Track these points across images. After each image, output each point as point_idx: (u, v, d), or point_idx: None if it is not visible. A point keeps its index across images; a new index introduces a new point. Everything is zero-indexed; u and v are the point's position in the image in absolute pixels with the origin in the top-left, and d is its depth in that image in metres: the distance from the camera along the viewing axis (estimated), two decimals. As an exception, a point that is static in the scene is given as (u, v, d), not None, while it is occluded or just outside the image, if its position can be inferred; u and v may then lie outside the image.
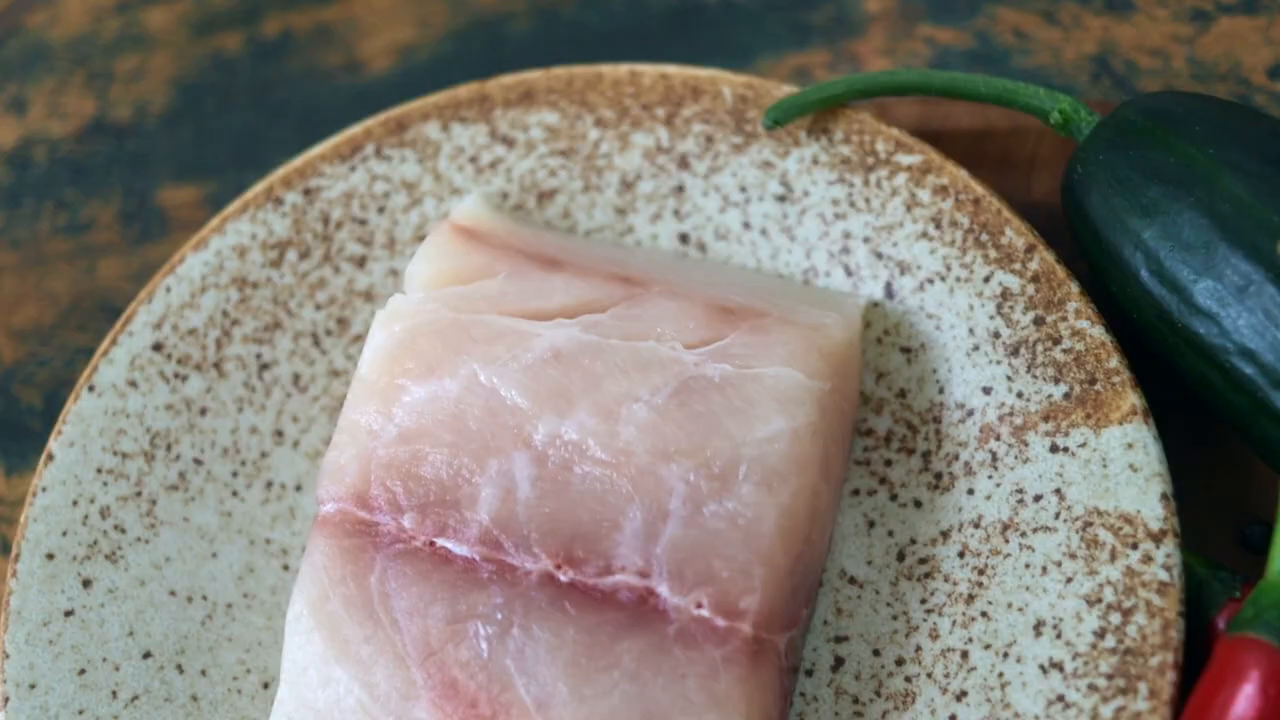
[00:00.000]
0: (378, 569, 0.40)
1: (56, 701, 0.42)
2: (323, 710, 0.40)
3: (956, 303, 0.43)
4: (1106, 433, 0.41)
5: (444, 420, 0.40)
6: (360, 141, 0.47)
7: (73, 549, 0.44)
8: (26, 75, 0.62)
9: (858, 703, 0.41)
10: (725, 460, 0.39)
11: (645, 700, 0.37)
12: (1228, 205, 0.40)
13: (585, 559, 0.39)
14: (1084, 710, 0.38)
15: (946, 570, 0.42)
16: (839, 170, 0.45)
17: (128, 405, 0.45)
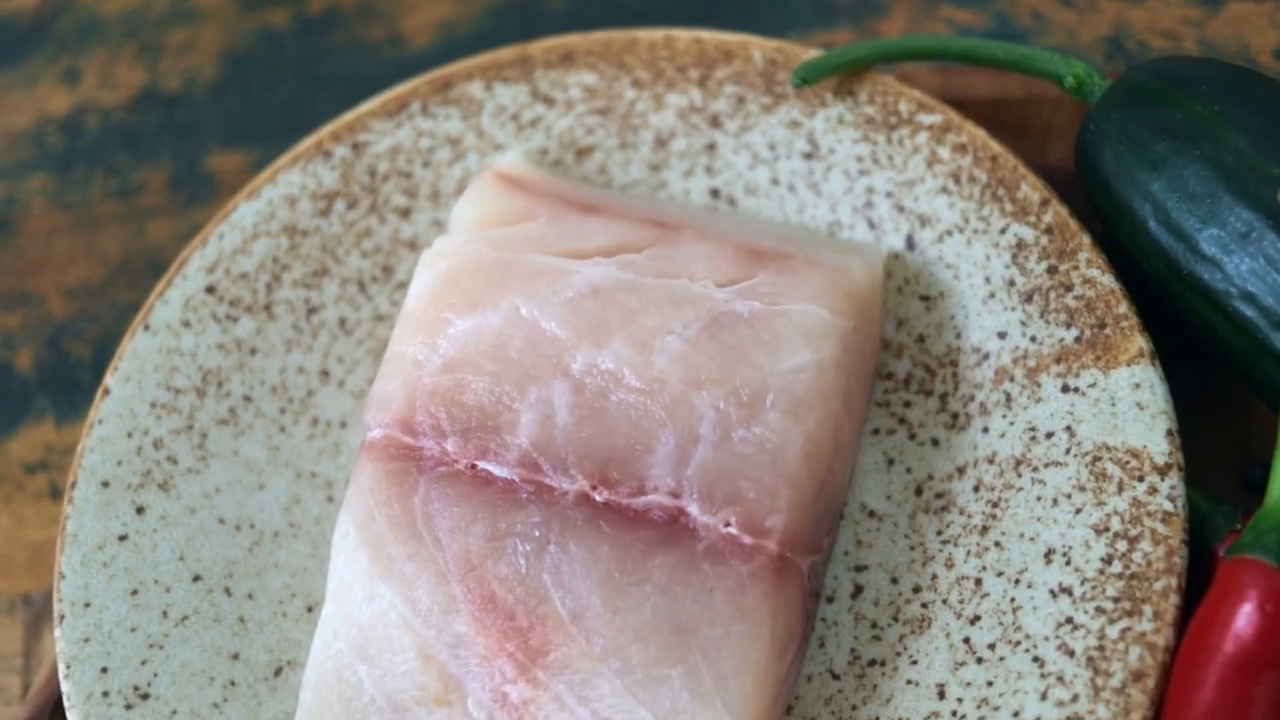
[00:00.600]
0: (421, 490, 0.42)
1: (110, 620, 0.44)
2: (366, 625, 0.42)
3: (974, 253, 0.46)
4: (1115, 373, 0.43)
5: (486, 350, 0.43)
6: (407, 99, 0.50)
7: (127, 478, 0.46)
8: (79, 48, 0.64)
9: (876, 627, 0.43)
10: (753, 389, 0.41)
11: (675, 612, 0.40)
12: (1231, 158, 0.42)
13: (620, 480, 0.41)
14: (1091, 631, 0.40)
15: (962, 504, 0.44)
16: (863, 129, 0.47)
17: (181, 344, 0.48)
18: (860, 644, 0.43)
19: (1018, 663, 0.41)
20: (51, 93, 0.64)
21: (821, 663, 0.43)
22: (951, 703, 0.41)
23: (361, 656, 0.42)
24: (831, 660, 0.43)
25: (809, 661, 0.43)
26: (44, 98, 0.64)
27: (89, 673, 0.44)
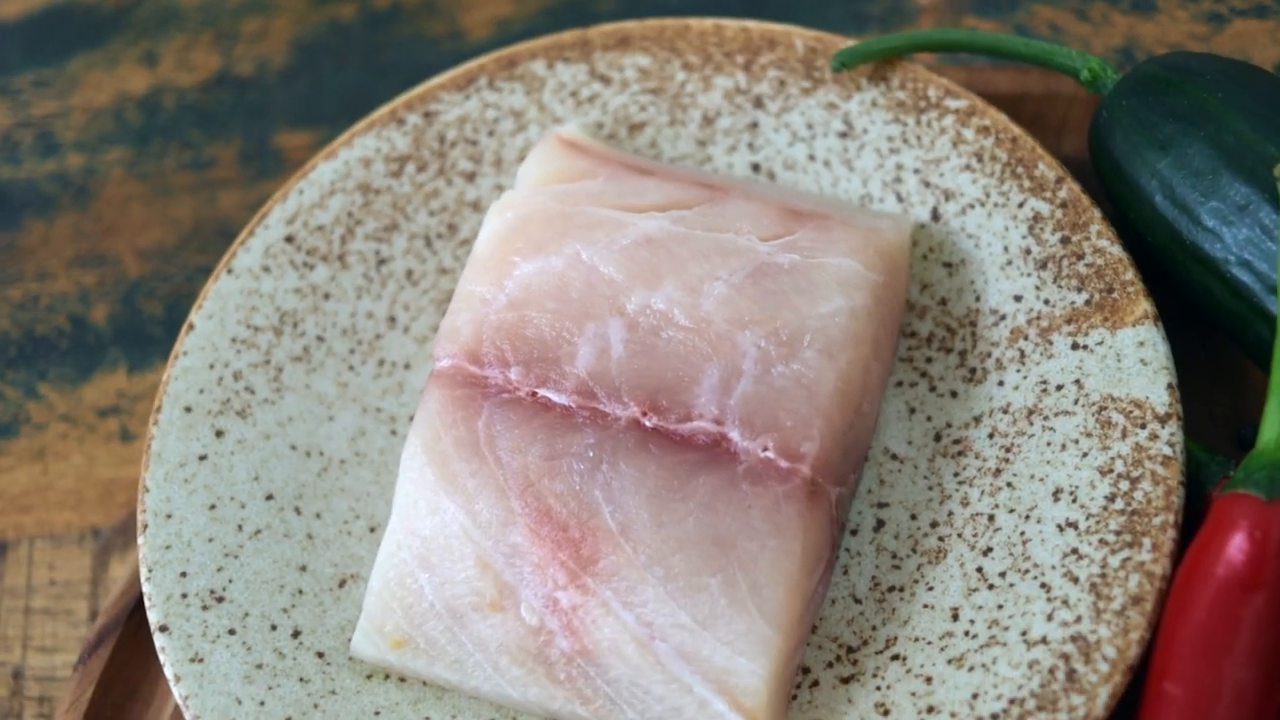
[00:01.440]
0: (485, 414, 0.46)
1: (189, 530, 0.48)
2: (429, 536, 0.46)
3: (994, 225, 0.50)
4: (1121, 333, 0.47)
5: (548, 290, 0.47)
6: (475, 74, 0.54)
7: (208, 404, 0.50)
8: (159, 34, 0.69)
9: (896, 558, 0.47)
10: (792, 330, 0.45)
11: (716, 527, 0.44)
12: (1232, 139, 0.47)
13: (668, 408, 0.45)
14: (1094, 560, 0.44)
15: (978, 449, 0.48)
16: (895, 112, 0.52)
17: (261, 287, 0.52)
18: (881, 572, 0.47)
19: (1026, 588, 0.45)
20: (131, 74, 0.68)
21: (845, 588, 0.47)
22: (964, 624, 0.45)
23: (423, 565, 0.46)
24: (854, 586, 0.47)
25: (834, 587, 0.47)
26: (124, 78, 0.68)
27: (169, 577, 0.47)
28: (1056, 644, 0.43)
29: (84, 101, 0.68)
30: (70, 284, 0.64)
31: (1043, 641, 0.44)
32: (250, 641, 0.47)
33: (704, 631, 0.43)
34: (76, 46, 0.69)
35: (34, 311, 0.63)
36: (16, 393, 0.62)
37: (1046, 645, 0.43)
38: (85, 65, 0.69)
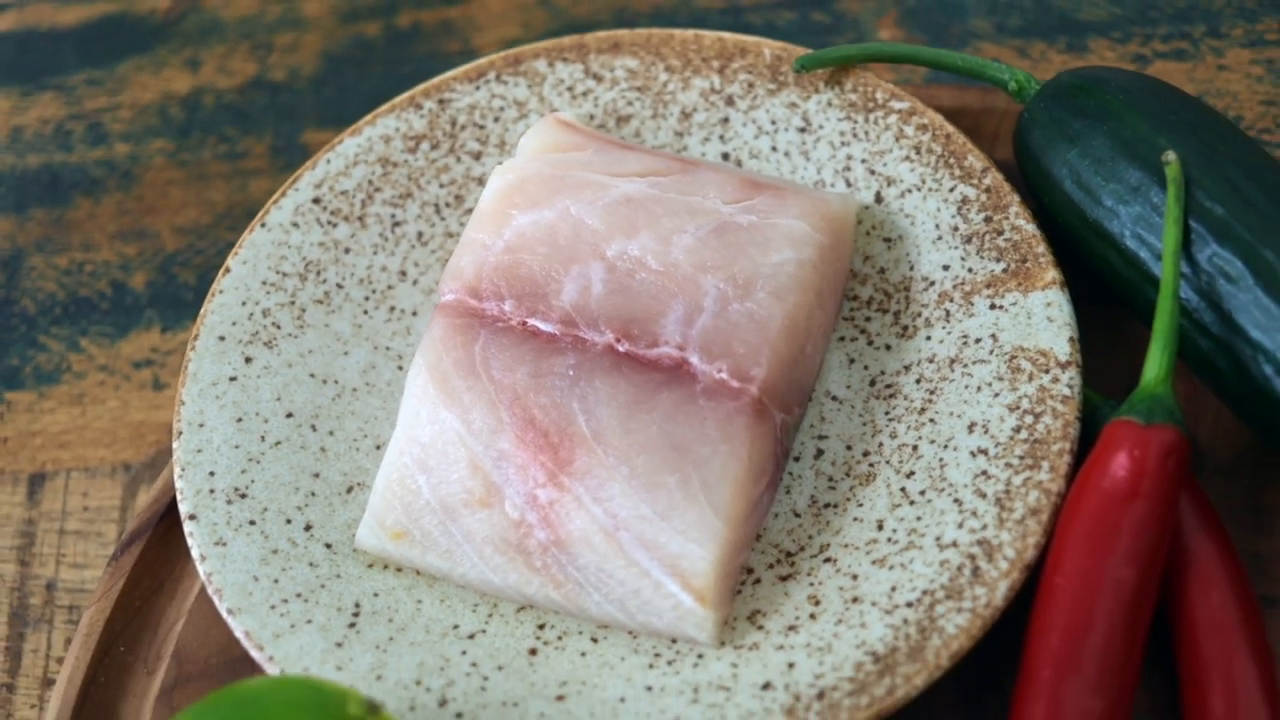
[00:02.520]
0: (481, 339, 0.54)
1: (218, 438, 0.56)
2: (428, 443, 0.53)
3: (928, 206, 0.58)
4: (1032, 295, 0.55)
5: (540, 238, 0.55)
6: (485, 69, 0.63)
7: (239, 335, 0.58)
8: (201, 43, 0.78)
9: (832, 480, 0.55)
10: (747, 275, 0.53)
11: (675, 434, 0.51)
12: (1129, 132, 0.55)
13: (638, 336, 0.53)
14: (1000, 480, 0.52)
15: (906, 392, 0.56)
16: (847, 111, 0.60)
17: (290, 239, 0.60)
18: (818, 492, 0.55)
19: (941, 503, 0.52)
20: (175, 76, 0.77)
21: (787, 505, 0.55)
22: (888, 533, 0.52)
23: (421, 468, 0.53)
24: (795, 503, 0.55)
25: (777, 504, 0.55)
26: (168, 80, 0.77)
27: (199, 475, 0.55)
28: (965, 547, 0.51)
29: (131, 99, 0.77)
30: (113, 254, 0.72)
31: (953, 545, 0.51)
32: (267, 531, 0.54)
33: (662, 522, 0.51)
34: (127, 52, 0.78)
35: (79, 277, 0.71)
36: (60, 346, 0.69)
37: (956, 548, 0.51)
38: (134, 68, 0.78)
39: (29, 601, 0.63)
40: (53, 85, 0.78)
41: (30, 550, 0.64)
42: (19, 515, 0.65)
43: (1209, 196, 0.53)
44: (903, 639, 0.50)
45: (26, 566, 0.64)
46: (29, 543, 0.64)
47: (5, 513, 0.65)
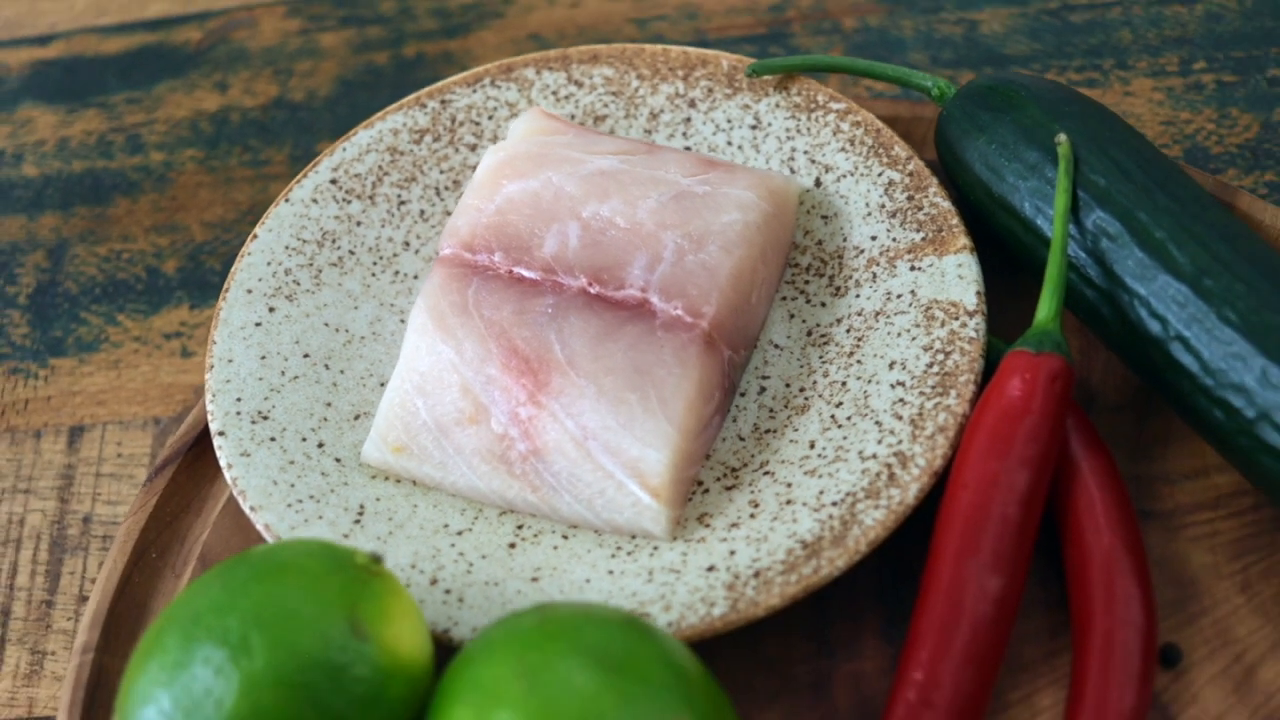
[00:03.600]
0: (474, 285, 0.63)
1: (244, 371, 0.65)
2: (426, 371, 0.63)
3: (860, 188, 0.68)
4: (946, 258, 0.65)
5: (525, 202, 0.65)
6: (481, 75, 0.74)
7: (264, 289, 0.68)
8: (229, 69, 0.88)
9: (772, 411, 0.64)
10: (700, 232, 0.63)
11: (637, 360, 0.61)
12: (1029, 120, 0.65)
13: (608, 280, 0.63)
14: (915, 405, 0.61)
15: (838, 339, 0.65)
16: (792, 111, 0.71)
17: (310, 212, 0.70)
18: (760, 420, 0.64)
19: (864, 425, 0.62)
20: (205, 96, 0.87)
21: (733, 431, 0.64)
22: (819, 450, 0.62)
23: (420, 392, 0.62)
24: (740, 429, 0.64)
25: (724, 431, 0.64)
26: (199, 99, 0.87)
27: (227, 400, 0.64)
28: (883, 458, 0.60)
29: (166, 115, 0.87)
30: (147, 244, 0.82)
31: (873, 457, 0.60)
32: (286, 446, 0.63)
33: (624, 432, 0.60)
34: (162, 76, 0.89)
35: (117, 263, 0.81)
36: (99, 320, 0.79)
37: (876, 459, 0.60)
38: (168, 89, 0.88)
39: (67, 532, 0.72)
40: (96, 103, 0.88)
41: (69, 490, 0.73)
42: (60, 461, 0.74)
43: (1093, 170, 0.63)
44: (828, 530, 0.59)
45: (65, 503, 0.73)
46: (68, 484, 0.73)
47: (48, 459, 0.74)
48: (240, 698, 0.50)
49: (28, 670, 0.68)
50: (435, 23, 0.89)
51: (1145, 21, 0.84)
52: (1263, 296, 0.59)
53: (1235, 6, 0.85)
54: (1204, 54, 0.82)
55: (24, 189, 0.85)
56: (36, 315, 0.80)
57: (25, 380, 0.77)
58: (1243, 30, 0.83)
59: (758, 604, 0.57)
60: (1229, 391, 0.59)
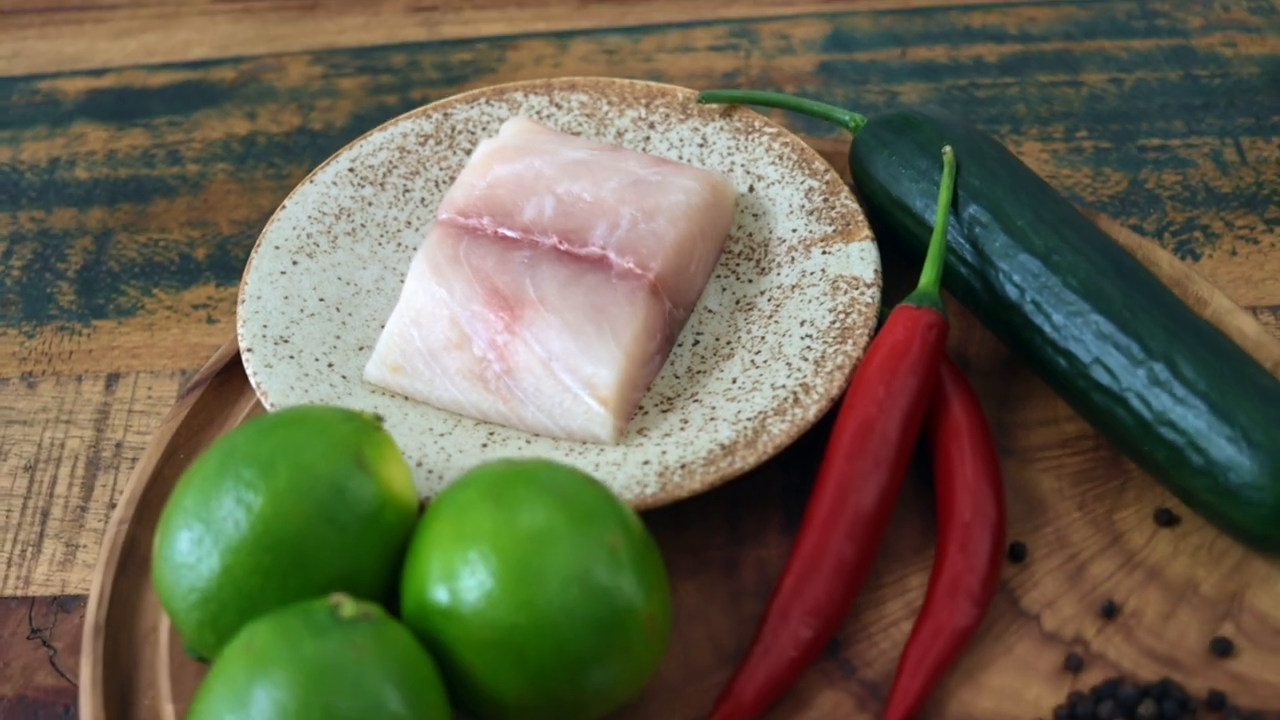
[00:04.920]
0: (465, 242, 0.79)
1: (269, 306, 0.80)
2: (420, 307, 0.78)
3: (785, 193, 0.85)
4: (851, 245, 0.81)
5: (511, 180, 0.81)
6: (477, 96, 0.90)
7: (289, 246, 0.83)
8: (259, 102, 1.05)
9: (703, 358, 0.80)
10: (652, 208, 0.79)
11: (595, 300, 0.76)
12: (924, 138, 0.82)
13: (575, 240, 0.79)
14: (819, 350, 0.77)
15: (760, 306, 0.81)
16: (733, 133, 0.88)
17: (329, 192, 0.86)
18: (693, 363, 0.79)
19: (777, 366, 0.77)
20: (237, 123, 1.04)
21: (670, 371, 0.79)
22: (739, 384, 0.77)
23: (415, 324, 0.78)
24: (676, 370, 0.79)
25: (663, 371, 0.79)
26: (231, 125, 1.04)
27: (255, 326, 0.79)
28: (790, 388, 0.76)
29: (202, 136, 1.03)
30: (181, 236, 0.97)
31: (783, 387, 0.76)
32: (302, 363, 0.78)
33: (582, 355, 0.75)
34: (201, 105, 1.05)
35: (154, 249, 0.97)
36: (137, 292, 0.94)
37: (785, 388, 0.76)
38: (205, 116, 1.05)
39: (101, 454, 0.86)
40: (142, 124, 1.05)
41: (105, 421, 0.87)
42: (98, 400, 0.89)
43: (971, 175, 0.80)
44: (742, 437, 0.74)
45: (101, 432, 0.87)
46: (104, 417, 0.88)
47: (87, 398, 0.89)
48: (266, 503, 0.64)
49: (62, 559, 0.81)
50: (438, 74, 1.06)
51: (1038, 99, 1.02)
52: (1097, 267, 0.75)
53: (1115, 90, 1.03)
54: (1085, 125, 1.00)
55: (75, 188, 1.01)
56: (82, 287, 0.95)
57: (70, 336, 0.92)
58: (1119, 109, 1.01)
59: (682, 487, 0.72)
60: (1071, 343, 0.74)
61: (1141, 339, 0.73)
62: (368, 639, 0.60)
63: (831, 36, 1.08)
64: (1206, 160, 0.97)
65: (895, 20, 1.09)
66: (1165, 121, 1.00)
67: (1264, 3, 1.08)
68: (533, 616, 0.62)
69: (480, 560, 0.63)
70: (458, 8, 1.11)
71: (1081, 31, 1.07)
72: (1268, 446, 0.69)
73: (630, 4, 1.10)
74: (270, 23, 1.11)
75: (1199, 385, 0.71)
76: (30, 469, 0.85)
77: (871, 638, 0.71)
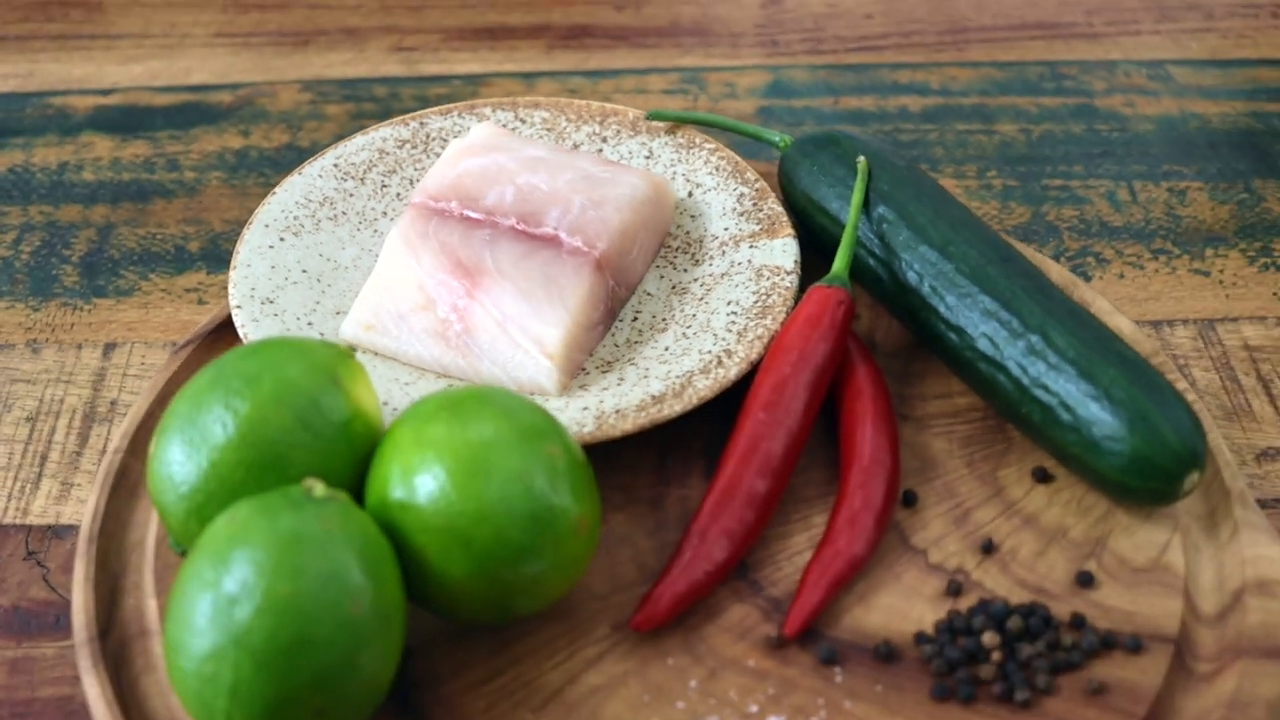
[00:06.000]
0: (434, 221, 0.91)
1: (257, 273, 0.91)
2: (393, 275, 0.89)
3: (720, 198, 0.97)
4: (775, 240, 0.93)
5: (477, 171, 0.93)
6: (451, 109, 1.02)
7: (277, 226, 0.94)
8: (252, 122, 1.17)
9: (640, 331, 0.91)
10: (600, 198, 0.91)
11: (547, 271, 0.88)
12: (842, 151, 0.94)
13: (531, 222, 0.90)
14: (742, 323, 0.88)
15: (693, 290, 0.92)
16: (676, 148, 1.00)
17: (315, 183, 0.97)
18: (631, 336, 0.91)
19: (705, 336, 0.88)
20: (231, 139, 1.16)
21: (610, 341, 0.90)
22: (671, 350, 0.88)
23: (388, 289, 0.89)
24: (616, 340, 0.90)
25: (605, 340, 0.90)
26: (226, 140, 1.16)
27: (245, 288, 0.90)
28: (715, 353, 0.87)
29: (199, 149, 1.15)
30: (177, 230, 1.08)
31: (709, 352, 0.87)
32: (285, 321, 0.89)
33: (533, 316, 0.86)
34: (199, 122, 1.17)
35: (151, 241, 1.08)
36: (135, 276, 1.05)
37: (710, 353, 0.87)
38: (203, 131, 1.16)
39: (97, 409, 0.96)
40: (145, 137, 1.16)
41: (101, 383, 0.98)
42: (95, 365, 0.99)
43: (881, 182, 0.92)
44: (671, 390, 0.85)
45: (97, 391, 0.97)
46: (101, 379, 0.98)
47: (85, 362, 0.99)
48: (252, 408, 0.74)
49: (58, 495, 0.91)
50: (416, 104, 1.19)
51: (955, 144, 1.15)
52: (986, 257, 0.87)
53: (1024, 139, 1.15)
54: (995, 167, 1.13)
55: (82, 188, 1.12)
56: (85, 270, 1.06)
57: (72, 311, 1.03)
58: (1027, 154, 1.14)
59: (616, 428, 0.83)
60: (961, 320, 0.86)
61: (1021, 315, 0.84)
62: (336, 516, 0.71)
63: (772, 85, 1.21)
64: (1102, 199, 1.10)
65: (830, 73, 1.22)
66: (1067, 165, 1.13)
67: (1161, 71, 1.22)
68: (479, 506, 0.72)
69: (436, 461, 0.73)
70: (435, 49, 1.24)
71: (997, 89, 1.20)
72: (1126, 403, 0.80)
73: (591, 50, 1.23)
74: (266, 55, 1.23)
75: (1069, 353, 0.82)
76: (31, 420, 0.95)
77: (777, 563, 0.82)
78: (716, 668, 0.76)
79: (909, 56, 1.24)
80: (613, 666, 0.77)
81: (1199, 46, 1.25)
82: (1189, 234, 1.07)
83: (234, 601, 0.68)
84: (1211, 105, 1.19)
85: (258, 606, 0.67)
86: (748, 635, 0.78)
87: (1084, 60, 1.23)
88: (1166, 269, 1.04)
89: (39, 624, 0.84)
